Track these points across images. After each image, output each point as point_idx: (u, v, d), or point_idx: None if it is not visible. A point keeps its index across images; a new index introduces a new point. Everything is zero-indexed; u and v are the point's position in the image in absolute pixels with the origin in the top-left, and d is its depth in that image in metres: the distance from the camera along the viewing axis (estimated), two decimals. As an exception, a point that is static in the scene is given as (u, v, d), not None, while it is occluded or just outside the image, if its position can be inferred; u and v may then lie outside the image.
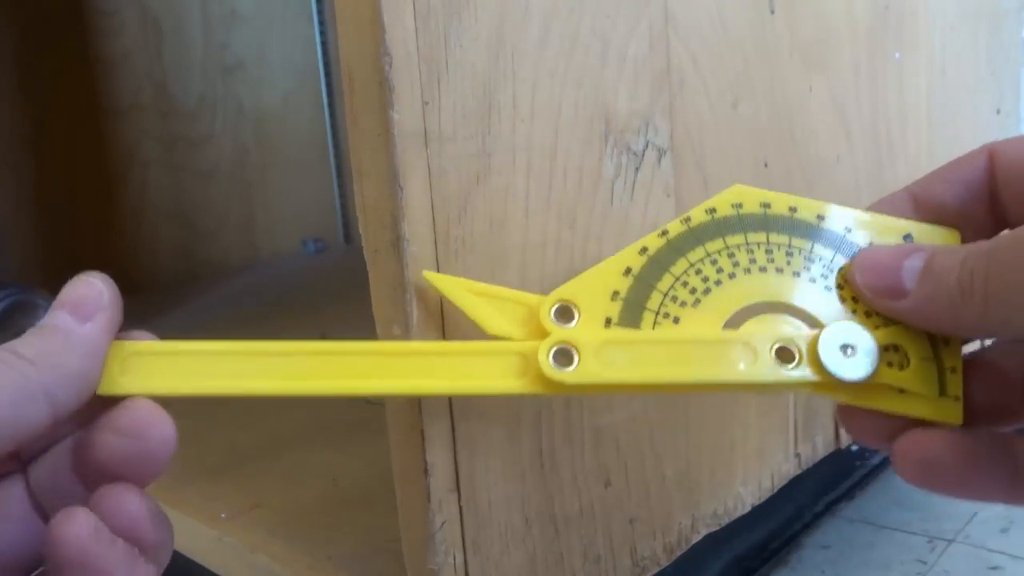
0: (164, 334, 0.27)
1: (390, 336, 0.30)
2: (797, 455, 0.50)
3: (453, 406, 0.31)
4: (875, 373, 0.24)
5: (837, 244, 0.26)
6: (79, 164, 1.03)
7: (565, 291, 0.27)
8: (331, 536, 0.44)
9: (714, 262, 0.26)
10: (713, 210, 0.27)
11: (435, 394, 0.28)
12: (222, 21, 1.17)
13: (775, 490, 0.48)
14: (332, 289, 0.95)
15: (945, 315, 0.22)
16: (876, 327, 0.25)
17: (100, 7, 1.04)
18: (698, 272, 0.26)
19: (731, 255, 0.26)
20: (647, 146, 0.37)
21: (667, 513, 0.41)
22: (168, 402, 0.25)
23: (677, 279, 0.26)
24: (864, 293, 0.25)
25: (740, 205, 0.27)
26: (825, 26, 0.48)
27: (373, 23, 0.28)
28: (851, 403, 0.25)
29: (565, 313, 0.26)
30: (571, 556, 0.36)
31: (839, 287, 0.26)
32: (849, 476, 0.64)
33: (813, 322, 0.26)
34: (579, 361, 0.25)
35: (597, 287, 0.26)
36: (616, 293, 0.26)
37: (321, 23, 1.28)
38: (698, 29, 0.39)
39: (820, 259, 0.26)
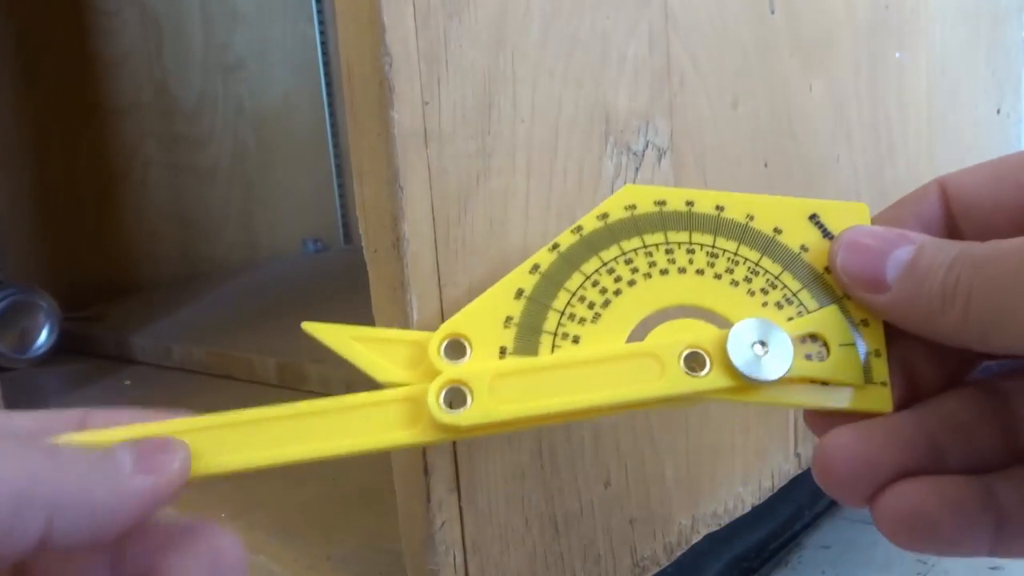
0: (164, 334, 0.27)
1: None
2: (797, 455, 0.50)
3: (453, 406, 0.31)
4: (792, 369, 0.23)
5: (739, 234, 0.25)
6: (79, 164, 1.03)
7: (454, 324, 0.24)
8: (331, 536, 0.44)
9: (611, 271, 0.24)
10: (605, 215, 0.25)
11: (317, 458, 0.24)
12: (222, 20, 1.17)
13: (775, 490, 0.48)
14: (332, 289, 0.95)
15: (923, 319, 0.21)
16: (789, 319, 0.24)
17: (100, 7, 1.04)
18: (595, 284, 0.24)
19: (629, 261, 0.25)
20: (647, 146, 0.37)
21: (667, 513, 0.41)
22: (168, 401, 0.25)
23: (573, 295, 0.24)
24: (842, 277, 0.23)
25: (633, 206, 0.25)
26: (825, 26, 0.48)
27: (373, 23, 0.28)
28: (770, 404, 0.23)
29: (456, 348, 0.24)
30: (571, 556, 0.36)
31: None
32: (849, 476, 0.64)
33: (723, 321, 0.24)
34: (472, 400, 0.23)
35: (488, 315, 0.24)
36: (509, 319, 0.24)
37: (321, 22, 1.28)
38: (698, 29, 0.39)
39: (724, 252, 0.25)
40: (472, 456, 0.32)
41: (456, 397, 0.23)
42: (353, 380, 0.67)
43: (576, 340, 0.24)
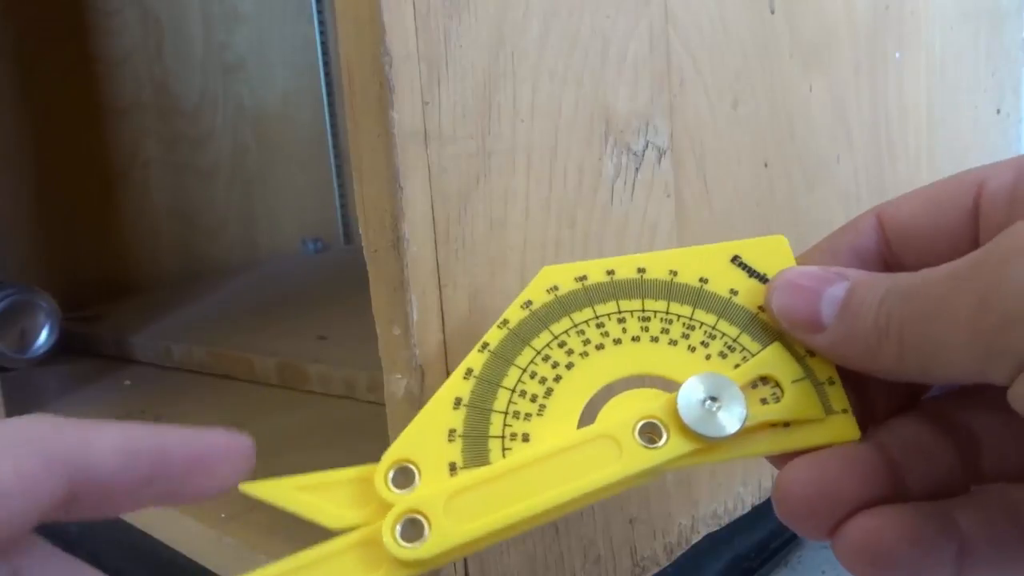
0: (164, 334, 0.27)
1: (390, 336, 0.30)
2: (797, 455, 0.50)
3: (453, 406, 0.31)
4: (749, 416, 0.22)
5: (666, 292, 0.24)
6: (80, 164, 1.03)
7: (396, 450, 0.22)
8: (331, 536, 0.44)
9: (547, 358, 0.23)
10: (529, 303, 0.24)
11: None
12: (223, 20, 1.17)
13: (775, 490, 0.48)
14: (332, 289, 0.95)
15: (862, 356, 0.21)
16: (736, 366, 0.23)
17: (101, 7, 1.04)
18: (533, 376, 0.23)
19: (562, 344, 0.24)
20: (647, 146, 0.37)
21: (667, 513, 0.41)
22: (167, 401, 0.25)
23: (513, 391, 0.23)
24: (780, 321, 0.23)
25: (556, 287, 0.24)
26: (825, 26, 0.48)
27: (373, 23, 0.28)
28: (739, 457, 0.22)
29: (404, 475, 0.22)
30: (571, 556, 0.36)
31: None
32: (849, 476, 0.64)
33: (670, 384, 0.23)
34: (430, 527, 0.21)
35: (430, 433, 0.23)
36: (452, 431, 0.23)
37: (321, 23, 1.28)
38: (698, 29, 0.39)
39: (656, 314, 0.24)
40: (472, 456, 0.32)
41: (413, 529, 0.21)
42: (354, 380, 0.67)
43: (526, 438, 0.22)
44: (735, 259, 0.25)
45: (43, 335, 0.87)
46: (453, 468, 0.22)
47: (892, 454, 0.21)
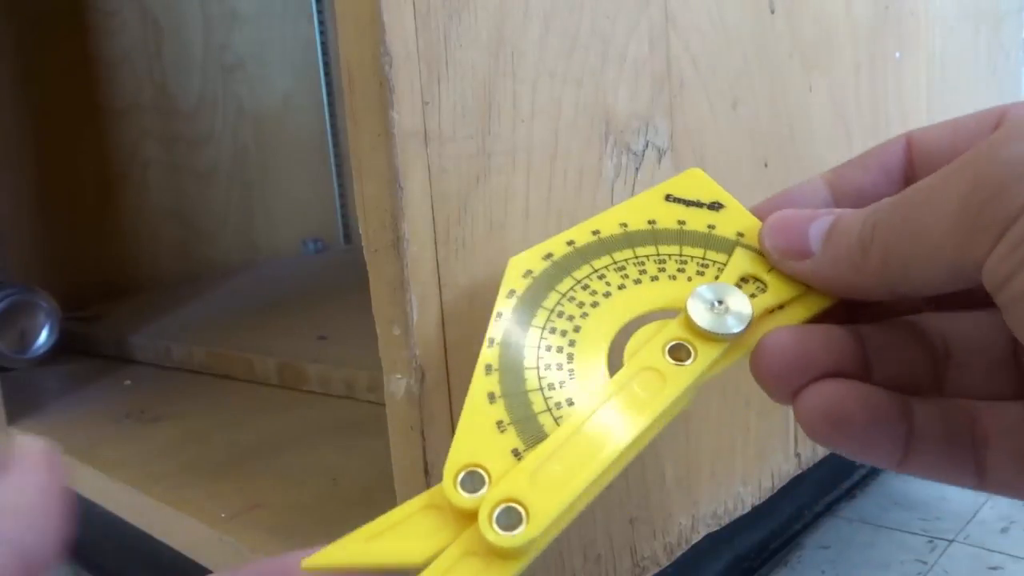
0: (164, 334, 0.27)
1: (390, 336, 0.30)
2: (797, 455, 0.50)
3: (453, 406, 0.31)
4: (752, 309, 0.24)
5: (626, 241, 0.27)
6: (79, 164, 1.03)
7: (455, 460, 0.23)
8: (331, 536, 0.43)
9: (553, 330, 0.25)
10: (512, 291, 0.25)
11: None
12: (222, 21, 1.17)
13: (775, 490, 0.48)
14: (332, 289, 0.95)
15: (847, 274, 0.22)
16: (715, 277, 0.25)
17: (100, 7, 1.04)
18: (548, 348, 0.24)
19: (560, 313, 0.25)
20: (647, 146, 0.37)
21: (667, 513, 0.41)
22: (167, 401, 0.25)
23: (537, 369, 0.24)
24: (771, 254, 0.25)
25: (530, 271, 0.26)
26: (825, 26, 0.48)
27: (373, 23, 0.28)
28: (754, 348, 0.24)
29: (473, 480, 0.22)
30: (571, 556, 0.36)
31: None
32: (849, 476, 0.64)
33: (673, 311, 0.25)
34: (526, 510, 0.21)
35: (479, 432, 0.23)
36: (500, 422, 0.23)
37: (321, 23, 1.28)
38: (698, 29, 0.39)
39: (629, 260, 0.26)
40: (472, 456, 0.32)
41: (509, 518, 0.21)
42: (354, 380, 0.67)
43: (570, 402, 0.24)
44: (668, 197, 0.27)
45: (43, 335, 0.87)
46: (517, 453, 0.23)
47: (867, 344, 0.23)
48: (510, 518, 0.21)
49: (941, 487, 0.61)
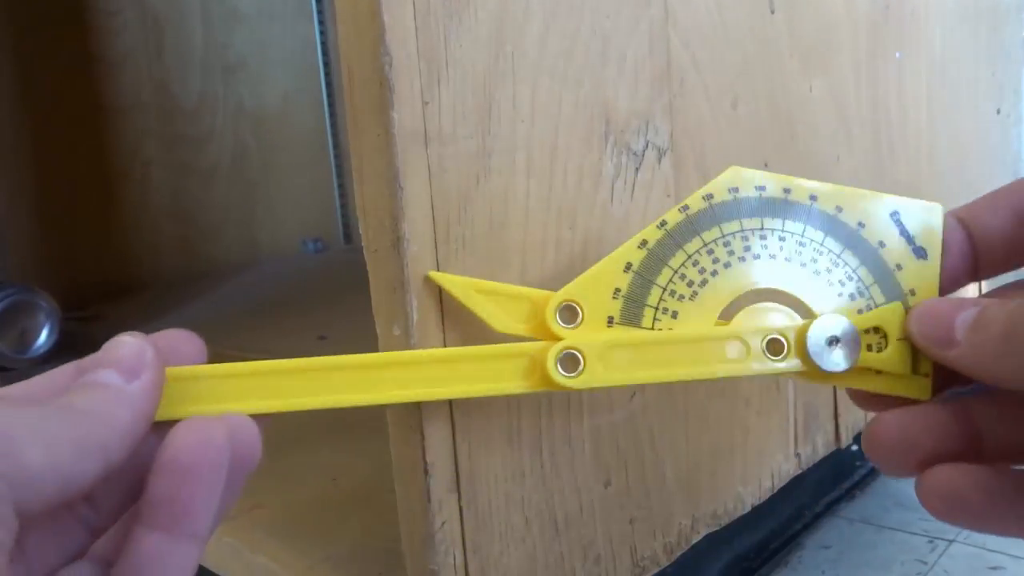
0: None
1: (390, 336, 0.30)
2: (797, 455, 0.50)
3: (453, 406, 0.31)
4: (857, 360, 0.26)
5: (828, 226, 0.27)
6: (80, 163, 1.03)
7: (569, 291, 0.27)
8: (331, 536, 0.44)
9: (710, 252, 0.27)
10: (710, 196, 0.27)
11: (448, 398, 0.29)
12: (223, 20, 1.17)
13: (775, 490, 0.48)
14: (332, 289, 0.95)
15: (990, 363, 0.23)
16: (859, 311, 0.26)
17: (101, 7, 1.04)
18: (695, 264, 0.27)
19: (727, 244, 0.27)
20: (647, 146, 0.37)
21: (667, 513, 0.41)
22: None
23: (675, 272, 0.27)
24: (918, 341, 0.26)
25: (736, 189, 0.27)
26: (825, 26, 0.48)
27: (373, 23, 0.28)
28: (830, 383, 0.26)
29: (570, 312, 0.27)
30: (571, 556, 0.36)
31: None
32: (849, 476, 0.64)
33: (802, 307, 0.27)
34: (585, 366, 0.26)
35: (599, 285, 0.27)
36: (617, 291, 0.27)
37: (321, 22, 1.28)
38: (698, 29, 0.39)
39: (812, 242, 0.27)
40: (472, 456, 0.32)
41: (570, 361, 0.26)
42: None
43: (675, 315, 0.27)
44: (894, 214, 0.27)
45: (43, 335, 0.87)
46: (610, 321, 0.27)
47: (973, 417, 0.24)
48: (571, 362, 0.26)
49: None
